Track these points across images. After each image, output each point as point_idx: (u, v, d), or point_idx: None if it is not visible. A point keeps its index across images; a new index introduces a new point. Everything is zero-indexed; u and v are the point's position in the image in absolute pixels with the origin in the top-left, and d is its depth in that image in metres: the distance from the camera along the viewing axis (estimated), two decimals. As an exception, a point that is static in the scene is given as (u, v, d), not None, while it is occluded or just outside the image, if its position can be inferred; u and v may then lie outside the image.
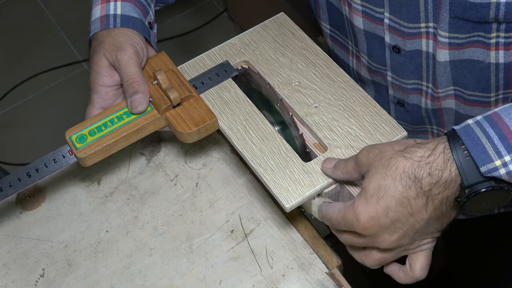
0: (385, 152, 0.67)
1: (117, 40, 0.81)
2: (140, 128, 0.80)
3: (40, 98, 2.25)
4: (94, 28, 0.84)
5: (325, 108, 0.82)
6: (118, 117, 0.80)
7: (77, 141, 0.79)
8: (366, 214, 0.66)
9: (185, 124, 0.79)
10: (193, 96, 0.82)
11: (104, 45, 0.81)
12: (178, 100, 0.80)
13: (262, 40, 0.89)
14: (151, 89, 0.81)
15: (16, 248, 0.85)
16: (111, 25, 0.83)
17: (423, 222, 0.67)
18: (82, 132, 0.79)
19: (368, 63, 0.95)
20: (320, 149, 0.80)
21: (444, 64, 0.84)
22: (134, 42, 0.81)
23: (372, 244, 0.69)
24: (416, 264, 0.71)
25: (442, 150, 0.65)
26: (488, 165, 0.62)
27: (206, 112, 0.80)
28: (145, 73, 0.83)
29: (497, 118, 0.64)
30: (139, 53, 0.81)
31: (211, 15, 2.41)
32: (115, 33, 0.82)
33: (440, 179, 0.64)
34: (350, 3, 0.88)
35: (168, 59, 0.85)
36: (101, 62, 0.81)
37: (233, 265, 0.81)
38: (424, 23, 0.82)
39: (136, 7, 0.86)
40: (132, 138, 0.80)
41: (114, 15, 0.83)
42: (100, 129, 0.79)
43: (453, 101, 0.90)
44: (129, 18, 0.84)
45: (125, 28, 0.83)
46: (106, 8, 0.84)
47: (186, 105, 0.81)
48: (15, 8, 2.51)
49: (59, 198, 0.89)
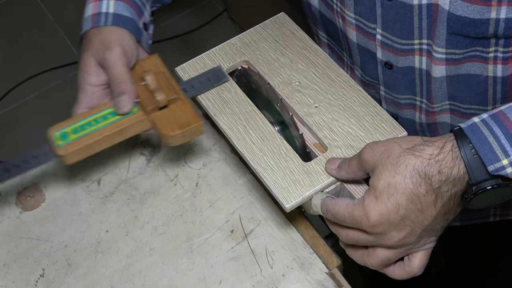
0: (392, 149, 0.67)
1: (106, 39, 0.80)
2: (124, 128, 0.79)
3: (40, 98, 2.25)
4: (85, 26, 0.83)
5: (325, 108, 0.82)
6: (103, 116, 0.79)
7: (59, 138, 0.78)
8: (377, 211, 0.66)
9: (170, 127, 0.78)
10: (180, 99, 0.80)
11: (93, 43, 0.80)
12: (165, 101, 0.79)
13: (262, 40, 0.89)
14: (139, 90, 0.80)
15: (16, 248, 0.85)
16: (102, 23, 0.82)
17: (431, 219, 0.67)
18: (65, 130, 0.79)
19: (362, 76, 0.94)
20: (320, 149, 0.80)
21: (440, 80, 0.84)
22: (124, 42, 0.80)
23: (378, 241, 0.69)
24: (416, 260, 0.71)
25: (451, 148, 0.65)
26: (495, 164, 0.63)
27: (192, 116, 0.79)
28: (135, 74, 0.83)
29: (503, 117, 0.65)
30: (128, 53, 0.81)
31: (211, 15, 2.41)
32: (105, 31, 0.81)
33: (449, 177, 0.65)
34: (344, 16, 0.87)
35: (160, 61, 0.84)
36: (89, 61, 0.80)
37: (233, 265, 0.81)
38: (418, 40, 0.81)
39: (130, 6, 0.85)
40: (116, 139, 0.79)
41: (106, 13, 0.82)
42: (83, 128, 0.78)
43: (448, 115, 0.90)
44: (121, 17, 0.83)
45: (116, 27, 0.82)
46: (98, 6, 0.83)
47: (173, 107, 0.80)
48: (15, 8, 2.51)
49: (59, 198, 0.89)
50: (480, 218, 1.05)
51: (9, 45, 2.39)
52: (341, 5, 0.86)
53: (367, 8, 0.83)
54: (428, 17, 0.77)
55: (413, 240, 0.69)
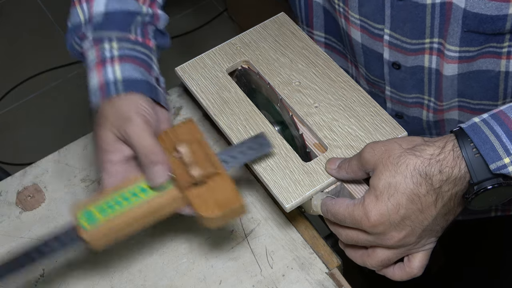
0: (393, 149, 0.67)
1: (122, 110, 0.72)
2: (157, 208, 0.70)
3: (40, 98, 2.25)
4: (95, 99, 0.76)
5: (325, 108, 0.82)
6: (132, 193, 0.70)
7: (86, 220, 0.69)
8: (377, 211, 0.66)
9: (207, 207, 0.69)
10: (219, 174, 0.71)
11: (108, 118, 0.72)
12: (201, 178, 0.70)
13: (262, 40, 0.89)
14: (172, 163, 0.71)
15: (16, 248, 0.85)
16: (113, 92, 0.74)
17: (431, 219, 0.67)
18: (92, 209, 0.69)
19: (366, 74, 0.93)
20: (320, 149, 0.80)
21: (452, 78, 0.83)
22: (141, 109, 0.73)
23: (377, 242, 0.69)
24: (416, 261, 0.71)
25: (452, 148, 0.65)
26: (497, 162, 0.63)
27: (233, 194, 0.70)
28: (167, 142, 0.74)
29: (504, 116, 0.65)
30: (149, 121, 0.72)
31: (211, 15, 2.41)
32: (118, 102, 0.73)
33: (450, 176, 0.65)
34: (348, 17, 0.86)
35: (195, 127, 0.75)
36: (107, 138, 0.72)
37: (233, 265, 0.81)
38: (429, 39, 0.80)
39: (137, 65, 0.77)
40: (148, 220, 0.71)
41: (115, 81, 0.75)
42: (112, 207, 0.69)
43: (456, 112, 0.90)
44: (131, 81, 0.75)
45: (129, 94, 0.74)
46: (103, 73, 0.75)
47: (211, 183, 0.71)
48: (15, 8, 2.51)
49: (59, 198, 0.89)
50: (482, 212, 1.05)
51: (9, 45, 2.39)
52: (344, 6, 0.85)
53: (373, 9, 0.82)
54: (441, 15, 0.77)
55: (413, 240, 0.69)
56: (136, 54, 0.78)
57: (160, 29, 0.84)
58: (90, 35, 0.79)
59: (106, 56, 0.77)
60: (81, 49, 0.81)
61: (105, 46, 0.77)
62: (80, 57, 0.82)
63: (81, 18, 0.81)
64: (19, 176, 0.91)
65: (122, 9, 0.79)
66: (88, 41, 0.79)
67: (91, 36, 0.79)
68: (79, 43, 0.81)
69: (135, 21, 0.80)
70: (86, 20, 0.80)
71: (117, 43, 0.78)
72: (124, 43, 0.78)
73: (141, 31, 0.81)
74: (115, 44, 0.78)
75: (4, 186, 0.90)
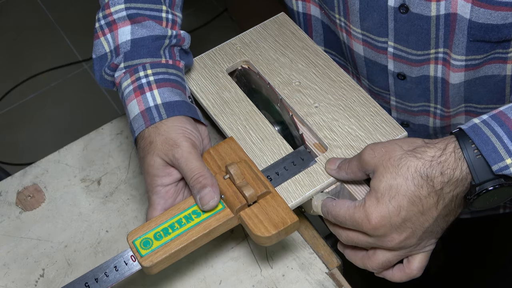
0: (394, 151, 0.67)
1: (169, 137, 0.73)
2: (212, 230, 0.71)
3: (40, 98, 2.25)
4: (138, 127, 0.76)
5: (325, 108, 0.82)
6: (186, 217, 0.71)
7: (142, 246, 0.70)
8: (378, 214, 0.66)
9: (263, 226, 0.70)
10: (270, 192, 0.72)
11: (155, 144, 0.73)
12: (254, 198, 0.71)
13: (262, 40, 0.89)
14: (222, 184, 0.72)
15: (16, 248, 0.85)
16: (157, 118, 0.75)
17: (432, 221, 0.67)
18: (147, 235, 0.71)
19: (369, 86, 0.93)
20: (320, 149, 0.80)
21: (458, 85, 0.83)
22: (187, 133, 0.74)
23: (378, 244, 0.69)
24: (415, 262, 0.71)
25: (453, 149, 0.65)
26: (499, 163, 0.63)
27: (286, 212, 0.71)
28: (213, 162, 0.76)
29: (504, 117, 0.65)
30: (196, 144, 0.74)
31: (211, 15, 2.41)
32: (164, 128, 0.74)
33: (452, 178, 0.65)
34: (349, 31, 0.86)
35: (237, 146, 0.77)
36: (156, 164, 0.73)
37: (233, 265, 0.81)
38: (434, 49, 0.80)
39: (174, 87, 0.78)
40: (203, 241, 0.71)
41: (156, 106, 0.75)
42: (166, 232, 0.71)
43: (463, 117, 0.90)
44: (172, 104, 0.76)
45: (173, 118, 0.75)
46: (143, 100, 0.76)
47: (262, 202, 0.71)
48: (15, 8, 2.51)
49: (59, 198, 0.89)
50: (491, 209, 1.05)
51: (9, 45, 2.39)
52: (346, 20, 0.85)
53: (376, 23, 0.81)
54: (446, 26, 0.76)
55: (414, 242, 0.69)
56: (170, 77, 0.79)
57: (184, 49, 0.85)
58: (122, 64, 0.79)
59: (143, 83, 0.77)
60: (112, 79, 0.81)
61: (140, 73, 0.78)
62: (112, 87, 0.82)
63: (106, 49, 0.81)
64: (19, 176, 0.91)
65: (150, 35, 0.80)
66: (120, 70, 0.79)
67: (123, 65, 0.79)
68: (110, 74, 0.81)
69: (163, 45, 0.81)
70: (112, 50, 0.80)
71: (151, 69, 0.78)
72: (157, 68, 0.78)
73: (169, 54, 0.81)
74: (149, 70, 0.78)
75: (4, 186, 0.90)
